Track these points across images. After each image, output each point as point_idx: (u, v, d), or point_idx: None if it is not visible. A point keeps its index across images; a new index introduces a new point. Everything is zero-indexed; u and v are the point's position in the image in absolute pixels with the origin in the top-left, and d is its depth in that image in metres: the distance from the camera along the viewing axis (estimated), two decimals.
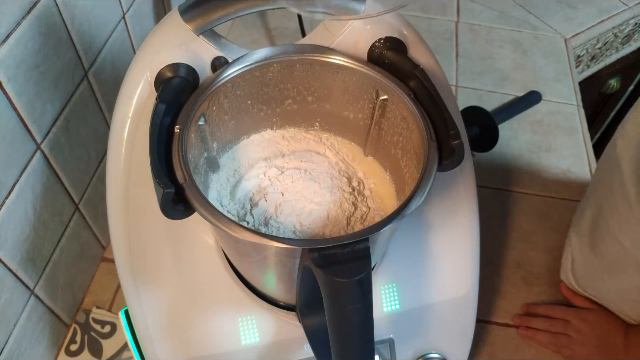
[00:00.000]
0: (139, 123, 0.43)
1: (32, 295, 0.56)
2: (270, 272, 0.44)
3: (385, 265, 0.50)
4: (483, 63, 1.01)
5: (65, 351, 0.64)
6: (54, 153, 0.56)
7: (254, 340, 0.48)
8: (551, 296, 0.71)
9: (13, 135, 0.49)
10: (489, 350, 0.66)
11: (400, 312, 0.50)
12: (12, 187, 0.50)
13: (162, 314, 0.47)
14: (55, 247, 0.59)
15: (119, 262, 0.46)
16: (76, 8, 0.56)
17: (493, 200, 0.81)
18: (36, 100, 0.51)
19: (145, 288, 0.47)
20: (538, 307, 0.69)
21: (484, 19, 1.09)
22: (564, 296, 0.69)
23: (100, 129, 0.66)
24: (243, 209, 0.44)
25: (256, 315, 0.48)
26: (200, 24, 0.42)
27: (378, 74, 0.43)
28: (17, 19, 0.47)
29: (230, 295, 0.48)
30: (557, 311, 0.67)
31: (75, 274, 0.65)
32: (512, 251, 0.75)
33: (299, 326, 0.47)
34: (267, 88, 0.46)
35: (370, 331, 0.36)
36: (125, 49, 0.70)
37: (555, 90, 0.97)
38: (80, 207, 0.63)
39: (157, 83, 0.42)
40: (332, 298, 0.34)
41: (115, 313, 0.67)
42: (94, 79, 0.62)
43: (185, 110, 0.40)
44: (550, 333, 0.66)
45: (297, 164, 0.48)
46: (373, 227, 0.35)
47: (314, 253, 0.34)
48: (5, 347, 0.53)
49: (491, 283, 0.71)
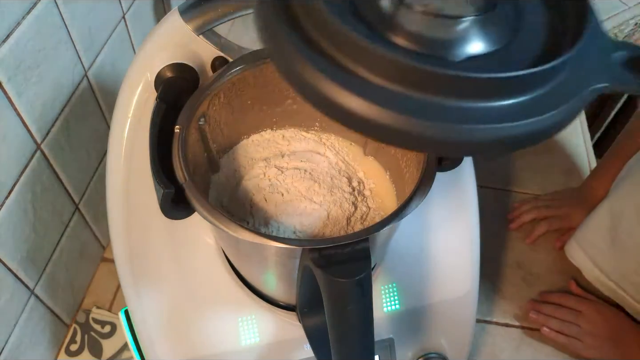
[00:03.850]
0: (139, 123, 0.43)
1: (32, 295, 0.56)
2: (270, 272, 0.45)
3: (385, 265, 0.50)
4: None
5: (65, 351, 0.64)
6: (54, 153, 0.56)
7: (254, 340, 0.48)
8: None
9: (13, 135, 0.49)
10: (489, 350, 0.66)
11: (400, 312, 0.50)
12: (12, 187, 0.50)
13: (162, 314, 0.47)
14: (55, 247, 0.59)
15: (119, 262, 0.46)
16: (76, 8, 0.56)
17: (493, 200, 0.81)
18: (36, 100, 0.51)
19: (145, 288, 0.47)
20: (552, 295, 0.69)
21: None
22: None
23: (100, 129, 0.66)
24: (243, 209, 0.44)
25: (256, 315, 0.48)
26: (200, 24, 0.42)
27: None
28: (17, 19, 0.47)
29: (230, 295, 0.48)
30: (570, 300, 0.67)
31: (75, 274, 0.65)
32: (512, 251, 0.75)
33: (299, 326, 0.47)
34: (267, 88, 0.46)
35: (370, 331, 0.36)
36: (125, 49, 0.70)
37: None
38: (80, 207, 0.63)
39: (157, 83, 0.42)
40: (332, 298, 0.34)
41: (115, 313, 0.67)
42: (94, 79, 0.62)
43: (185, 110, 0.40)
44: (561, 321, 0.66)
45: (297, 164, 0.48)
46: (373, 227, 0.35)
47: (314, 253, 0.34)
48: (5, 347, 0.53)
49: (491, 283, 0.71)
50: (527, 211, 0.77)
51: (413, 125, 0.23)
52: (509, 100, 0.24)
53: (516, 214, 0.78)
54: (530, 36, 0.28)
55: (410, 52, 0.26)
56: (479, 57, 0.26)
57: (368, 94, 0.23)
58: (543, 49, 0.28)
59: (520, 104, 0.24)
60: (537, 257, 0.75)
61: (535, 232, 0.76)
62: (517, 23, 0.29)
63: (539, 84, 0.25)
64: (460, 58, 0.26)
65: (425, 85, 0.23)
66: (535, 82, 0.25)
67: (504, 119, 0.24)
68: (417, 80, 0.23)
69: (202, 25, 0.42)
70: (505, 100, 0.24)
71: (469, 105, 0.24)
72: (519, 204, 0.79)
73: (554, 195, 0.79)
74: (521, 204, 0.79)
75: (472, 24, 0.26)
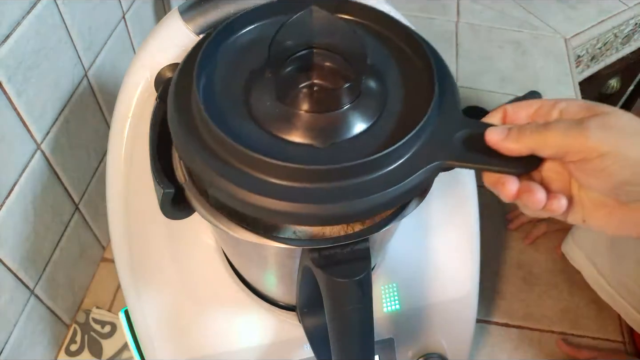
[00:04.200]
0: (139, 123, 0.43)
1: (32, 295, 0.56)
2: (270, 272, 0.45)
3: (385, 265, 0.50)
4: (483, 63, 1.01)
5: (65, 351, 0.64)
6: (54, 153, 0.56)
7: (254, 340, 0.48)
8: (551, 297, 0.71)
9: (13, 135, 0.49)
10: (489, 350, 0.66)
11: (400, 312, 0.50)
12: (12, 187, 0.50)
13: (162, 314, 0.47)
14: (55, 247, 0.59)
15: (119, 262, 0.46)
16: (76, 8, 0.56)
17: (493, 200, 0.81)
18: (36, 100, 0.51)
19: (145, 288, 0.47)
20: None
21: (484, 19, 1.09)
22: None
23: (100, 129, 0.66)
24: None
25: (256, 315, 0.48)
26: (200, 24, 0.42)
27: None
28: (17, 19, 0.47)
29: (230, 295, 0.48)
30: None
31: (75, 274, 0.65)
32: (512, 251, 0.75)
33: (299, 326, 0.47)
34: None
35: (370, 331, 0.36)
36: (125, 49, 0.70)
37: (555, 90, 0.97)
38: (80, 207, 0.63)
39: (157, 83, 0.42)
40: (332, 298, 0.34)
41: (115, 313, 0.67)
42: (94, 79, 0.62)
43: None
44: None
45: None
46: (373, 227, 0.35)
47: (314, 253, 0.34)
48: (5, 347, 0.53)
49: (491, 283, 0.71)
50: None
51: (292, 208, 0.29)
52: (359, 179, 0.30)
53: (516, 214, 0.78)
54: (389, 117, 0.33)
55: (286, 143, 0.32)
56: (343, 141, 0.32)
57: (254, 188, 0.29)
58: (403, 124, 0.32)
59: (368, 181, 0.30)
60: (537, 257, 0.74)
61: (535, 232, 0.75)
62: (381, 102, 0.34)
63: (384, 165, 0.30)
64: (326, 144, 0.32)
65: (298, 178, 0.29)
66: (380, 163, 0.30)
67: (360, 194, 0.29)
68: (290, 174, 0.29)
69: (202, 26, 0.42)
70: (355, 179, 0.30)
71: (331, 185, 0.29)
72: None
73: None
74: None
75: (338, 116, 0.32)
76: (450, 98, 0.34)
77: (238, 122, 0.32)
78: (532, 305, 0.70)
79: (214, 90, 0.34)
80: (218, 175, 0.30)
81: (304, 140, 0.32)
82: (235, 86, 0.34)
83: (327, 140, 0.32)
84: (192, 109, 0.32)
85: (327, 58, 0.35)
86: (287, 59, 0.34)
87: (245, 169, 0.30)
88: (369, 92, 0.34)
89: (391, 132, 0.32)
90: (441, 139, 0.32)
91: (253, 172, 0.30)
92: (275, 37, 0.32)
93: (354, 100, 0.32)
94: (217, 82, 0.34)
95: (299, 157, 0.31)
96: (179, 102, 0.33)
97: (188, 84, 0.33)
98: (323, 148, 0.31)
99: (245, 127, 0.32)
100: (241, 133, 0.32)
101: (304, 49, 0.35)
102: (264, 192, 0.29)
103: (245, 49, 0.37)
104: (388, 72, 0.36)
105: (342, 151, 0.31)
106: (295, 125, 0.32)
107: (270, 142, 0.32)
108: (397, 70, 0.36)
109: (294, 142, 0.32)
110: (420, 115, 0.31)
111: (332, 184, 0.29)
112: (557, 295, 0.71)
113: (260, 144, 0.31)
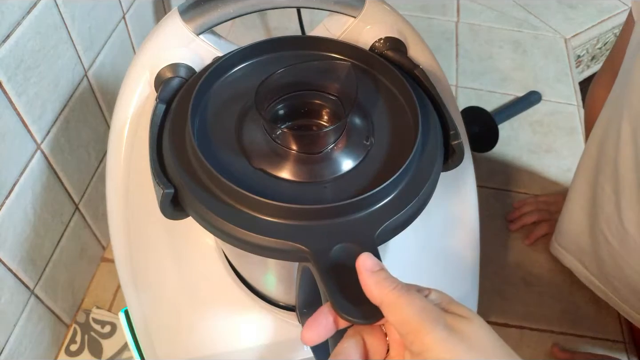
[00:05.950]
0: (139, 123, 0.43)
1: (32, 295, 0.56)
2: (270, 272, 0.45)
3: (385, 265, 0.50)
4: (483, 63, 1.01)
5: (65, 351, 0.64)
6: (54, 153, 0.56)
7: (254, 341, 0.48)
8: (551, 297, 0.71)
9: (13, 135, 0.49)
10: None
11: None
12: (12, 187, 0.50)
13: (162, 314, 0.47)
14: (55, 247, 0.59)
15: (119, 262, 0.46)
16: (76, 8, 0.56)
17: (493, 200, 0.81)
18: (36, 100, 0.51)
19: (145, 288, 0.47)
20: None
21: (484, 19, 1.09)
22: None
23: (100, 129, 0.66)
24: None
25: (256, 315, 0.48)
26: (200, 24, 0.42)
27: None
28: (17, 19, 0.47)
29: (230, 295, 0.48)
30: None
31: (75, 274, 0.65)
32: (512, 251, 0.75)
33: (299, 326, 0.47)
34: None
35: None
36: (125, 49, 0.70)
37: (555, 90, 0.97)
38: (80, 207, 0.63)
39: (157, 83, 0.42)
40: None
41: (115, 313, 0.67)
42: (94, 79, 0.62)
43: None
44: None
45: None
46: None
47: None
48: (5, 347, 0.53)
49: (491, 283, 0.71)
50: (529, 213, 0.77)
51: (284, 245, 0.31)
52: (375, 206, 0.33)
53: (517, 215, 0.78)
54: (375, 156, 0.36)
55: (284, 182, 0.34)
56: (343, 174, 0.34)
57: (242, 224, 0.32)
58: (392, 161, 0.35)
59: (387, 205, 0.33)
60: (537, 258, 0.75)
61: (535, 233, 0.75)
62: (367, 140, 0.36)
63: (397, 185, 0.33)
64: (326, 179, 0.34)
65: (303, 216, 0.31)
66: (393, 186, 0.33)
67: (383, 219, 0.32)
68: (291, 214, 0.31)
69: (202, 26, 0.42)
70: (372, 207, 0.32)
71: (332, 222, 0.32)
72: (519, 204, 0.79)
73: (555, 196, 0.79)
74: (521, 205, 0.79)
75: (325, 156, 0.34)
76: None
77: (229, 159, 0.35)
78: (532, 305, 0.70)
79: (206, 129, 0.36)
80: (207, 209, 0.32)
81: (293, 178, 0.34)
82: (227, 122, 0.37)
83: (314, 179, 0.34)
84: (187, 147, 0.35)
85: (316, 97, 0.37)
86: (275, 101, 0.36)
87: (235, 204, 0.32)
88: (355, 131, 0.36)
89: (378, 171, 0.35)
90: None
91: (242, 208, 0.32)
92: (264, 82, 0.35)
93: (340, 140, 0.35)
94: (209, 120, 0.37)
95: (286, 195, 0.33)
96: (174, 140, 0.36)
97: (182, 124, 0.36)
98: (310, 185, 0.33)
99: (236, 163, 0.34)
100: (232, 169, 0.34)
101: (293, 91, 0.37)
102: (251, 229, 0.31)
103: (238, 86, 0.39)
104: (374, 110, 0.38)
105: (329, 189, 0.34)
106: (284, 163, 0.34)
107: (261, 179, 0.34)
108: (383, 106, 0.38)
109: (285, 180, 0.34)
110: (404, 157, 0.34)
111: (320, 222, 0.31)
112: (557, 295, 0.71)
113: (251, 181, 0.33)
